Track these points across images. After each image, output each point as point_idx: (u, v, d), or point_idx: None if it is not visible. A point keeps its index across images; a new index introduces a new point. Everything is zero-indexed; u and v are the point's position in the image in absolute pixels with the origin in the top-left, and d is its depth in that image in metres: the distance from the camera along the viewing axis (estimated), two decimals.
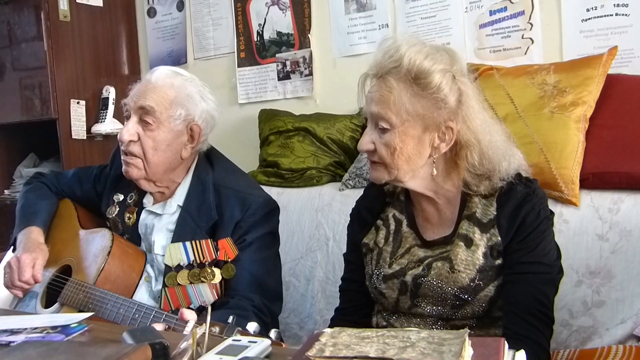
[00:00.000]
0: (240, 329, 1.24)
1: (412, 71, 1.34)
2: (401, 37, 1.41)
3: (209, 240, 1.73)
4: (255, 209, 1.75)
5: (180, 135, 1.76)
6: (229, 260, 1.73)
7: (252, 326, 1.24)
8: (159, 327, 1.39)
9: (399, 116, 1.35)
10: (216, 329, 1.26)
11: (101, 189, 1.97)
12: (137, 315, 1.55)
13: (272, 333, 1.23)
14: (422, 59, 1.35)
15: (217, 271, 1.72)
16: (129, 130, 1.73)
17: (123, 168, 1.78)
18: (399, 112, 1.35)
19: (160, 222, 1.80)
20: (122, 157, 1.78)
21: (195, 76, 1.86)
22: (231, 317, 1.27)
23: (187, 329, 1.25)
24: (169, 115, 1.73)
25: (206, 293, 1.71)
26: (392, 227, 1.51)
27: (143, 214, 1.84)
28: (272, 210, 1.82)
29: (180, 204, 1.79)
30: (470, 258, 1.37)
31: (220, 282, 1.73)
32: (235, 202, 1.75)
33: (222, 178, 1.81)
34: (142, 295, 1.76)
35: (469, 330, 0.97)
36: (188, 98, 1.77)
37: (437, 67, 1.35)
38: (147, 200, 1.85)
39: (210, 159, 1.87)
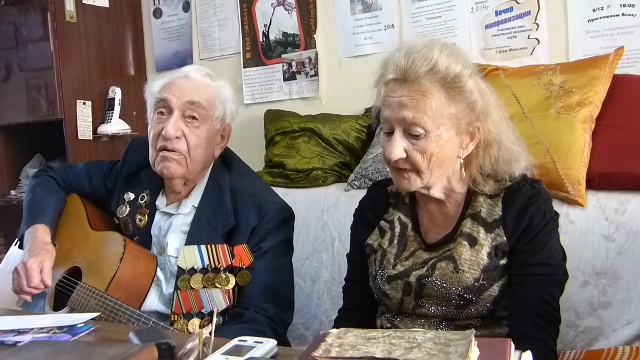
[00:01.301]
0: None
1: (449, 75, 1.33)
2: (421, 40, 1.39)
3: (225, 245, 1.71)
4: (271, 215, 1.73)
5: (217, 133, 1.77)
6: (244, 267, 1.71)
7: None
8: None
9: (434, 121, 1.33)
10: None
11: (111, 185, 1.94)
12: None
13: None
14: (454, 62, 1.34)
15: (231, 277, 1.70)
16: (175, 125, 1.69)
17: (161, 164, 1.72)
18: (435, 117, 1.32)
19: (174, 224, 1.78)
20: (160, 154, 1.72)
21: None
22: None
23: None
24: (212, 113, 1.74)
25: (219, 298, 1.69)
26: (398, 230, 1.51)
27: (157, 216, 1.81)
28: (288, 217, 1.80)
29: (195, 204, 1.77)
30: (475, 258, 1.37)
31: (233, 288, 1.71)
32: (252, 207, 1.73)
33: (239, 182, 1.80)
34: (152, 300, 1.75)
35: (475, 331, 0.97)
36: (226, 99, 1.79)
37: (467, 71, 1.36)
38: (160, 202, 1.83)
39: (225, 160, 1.86)
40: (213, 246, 1.71)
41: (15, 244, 1.94)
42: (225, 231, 1.73)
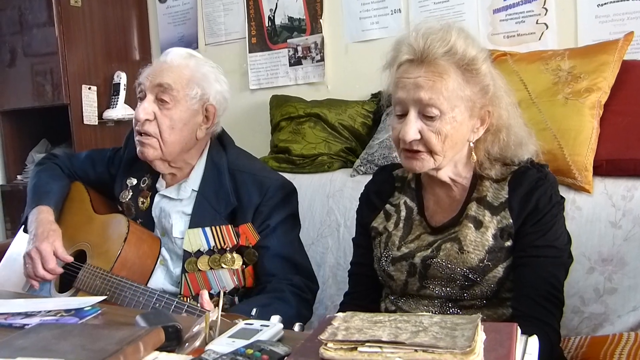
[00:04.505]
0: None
1: (466, 58, 1.34)
2: (436, 23, 1.38)
3: (229, 226, 1.73)
4: (273, 192, 1.75)
5: (196, 114, 1.76)
6: (251, 245, 1.73)
7: (275, 319, 1.23)
8: None
9: (450, 102, 1.33)
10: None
11: (115, 171, 1.96)
12: (157, 305, 1.55)
13: (296, 327, 1.23)
14: (470, 46, 1.35)
15: (237, 257, 1.72)
16: (145, 109, 1.71)
17: (138, 149, 1.76)
18: (451, 98, 1.33)
19: (175, 207, 1.80)
20: (136, 138, 1.76)
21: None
22: (254, 310, 1.26)
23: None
24: (185, 93, 1.73)
25: (226, 279, 1.72)
26: (403, 213, 1.51)
27: (157, 198, 1.83)
28: (290, 192, 1.82)
29: (195, 188, 1.79)
30: (480, 239, 1.38)
31: (242, 268, 1.73)
32: (253, 186, 1.75)
33: (237, 162, 1.81)
34: (158, 279, 1.77)
35: (481, 315, 0.97)
36: (204, 78, 1.77)
37: (482, 55, 1.37)
38: (160, 185, 1.85)
39: (222, 142, 1.87)
40: (218, 227, 1.73)
41: (20, 227, 1.95)
42: (228, 212, 1.74)
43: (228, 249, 1.72)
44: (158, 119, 1.72)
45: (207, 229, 1.73)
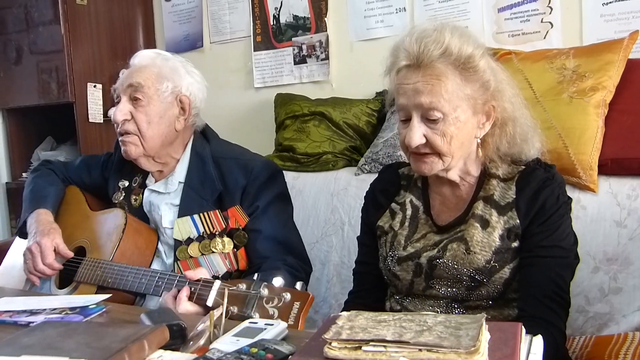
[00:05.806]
0: (266, 283, 1.26)
1: (462, 57, 1.34)
2: (431, 24, 1.38)
3: (217, 210, 1.76)
4: (258, 171, 1.78)
5: (170, 107, 1.81)
6: (240, 227, 1.75)
7: (278, 281, 1.26)
8: (185, 292, 1.42)
9: (451, 103, 1.33)
10: (243, 286, 1.28)
11: (108, 174, 2.01)
12: (160, 283, 1.57)
13: (298, 285, 1.27)
14: (466, 43, 1.35)
15: (227, 240, 1.75)
16: (121, 110, 1.79)
17: (122, 149, 1.82)
18: (451, 99, 1.33)
19: (164, 199, 1.83)
20: (119, 139, 1.82)
21: (211, 60, 1.88)
22: (256, 274, 1.30)
23: (214, 288, 1.34)
24: (157, 88, 1.79)
25: (218, 263, 1.74)
26: (409, 212, 1.51)
27: (146, 193, 1.88)
28: (275, 172, 1.85)
29: (182, 180, 1.82)
30: (487, 240, 1.37)
31: (234, 252, 1.75)
32: (237, 169, 1.79)
33: (220, 150, 1.86)
34: None
35: (485, 315, 0.97)
36: (173, 71, 1.83)
37: (479, 51, 1.36)
38: (150, 181, 1.89)
39: (205, 136, 1.91)
40: (205, 213, 1.76)
41: (16, 234, 1.98)
42: (215, 197, 1.78)
43: (217, 233, 1.74)
44: (135, 117, 1.78)
45: (196, 217, 1.76)
